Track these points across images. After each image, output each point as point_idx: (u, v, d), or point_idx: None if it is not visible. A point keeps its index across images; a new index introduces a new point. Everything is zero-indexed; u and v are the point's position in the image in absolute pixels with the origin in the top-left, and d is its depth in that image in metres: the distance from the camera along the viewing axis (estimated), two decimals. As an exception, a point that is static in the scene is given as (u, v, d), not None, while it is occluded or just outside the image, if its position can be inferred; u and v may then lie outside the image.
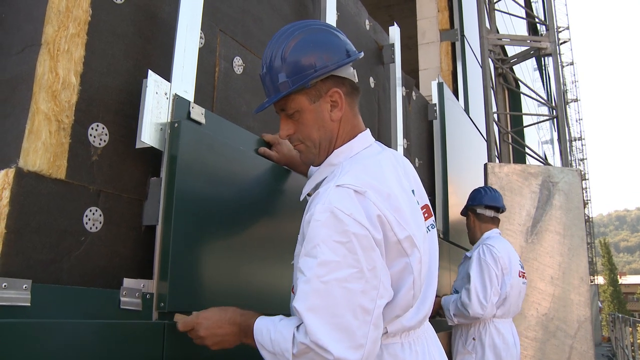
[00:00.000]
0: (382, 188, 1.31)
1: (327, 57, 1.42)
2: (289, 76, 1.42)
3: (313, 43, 1.43)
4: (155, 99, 1.68)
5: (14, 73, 1.45)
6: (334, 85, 1.45)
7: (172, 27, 1.83)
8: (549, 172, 4.97)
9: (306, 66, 1.41)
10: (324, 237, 1.23)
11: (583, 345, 4.54)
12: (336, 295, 1.20)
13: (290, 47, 1.43)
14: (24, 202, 1.35)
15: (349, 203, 1.26)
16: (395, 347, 1.36)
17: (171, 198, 1.64)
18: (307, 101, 1.45)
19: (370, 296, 1.21)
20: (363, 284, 1.21)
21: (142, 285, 1.60)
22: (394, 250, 1.29)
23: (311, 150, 1.50)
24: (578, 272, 4.71)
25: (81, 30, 1.54)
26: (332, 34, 1.47)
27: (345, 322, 1.20)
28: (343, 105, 1.46)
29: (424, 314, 1.42)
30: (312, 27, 1.47)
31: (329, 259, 1.22)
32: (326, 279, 1.21)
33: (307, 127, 1.47)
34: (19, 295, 1.27)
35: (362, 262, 1.21)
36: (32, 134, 1.37)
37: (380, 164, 1.42)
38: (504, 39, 8.19)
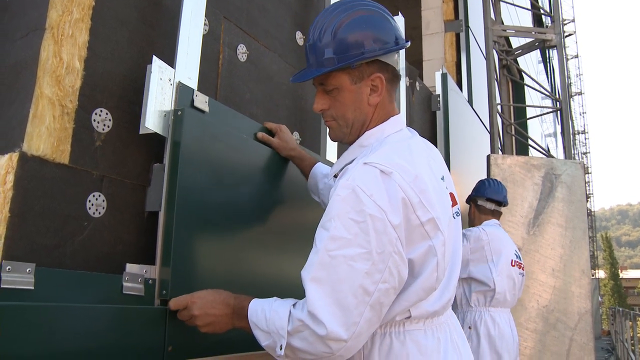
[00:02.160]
0: (409, 169, 1.30)
1: (377, 41, 1.40)
2: (336, 53, 1.40)
3: (366, 24, 1.41)
4: (159, 85, 1.68)
5: (18, 58, 1.45)
6: (377, 70, 1.43)
7: (176, 14, 1.82)
8: (552, 165, 4.96)
9: (355, 46, 1.39)
10: (341, 212, 1.25)
11: (583, 338, 4.55)
12: (340, 271, 1.22)
13: (344, 23, 1.40)
14: (28, 187, 1.36)
15: (372, 183, 1.26)
16: (418, 334, 1.35)
17: (174, 185, 1.65)
18: (349, 81, 1.43)
19: (373, 278, 1.22)
20: (369, 265, 1.21)
21: (144, 271, 1.61)
22: (417, 233, 1.28)
23: (342, 129, 1.49)
24: (579, 264, 4.71)
25: (85, 15, 1.53)
26: (385, 19, 1.45)
27: (344, 299, 1.22)
28: (383, 91, 1.45)
29: (447, 299, 1.41)
30: (369, 8, 1.44)
31: (341, 235, 1.23)
32: (334, 254, 1.23)
33: (344, 106, 1.46)
34: (22, 279, 1.28)
35: (372, 244, 1.22)
36: (36, 119, 1.38)
37: (410, 146, 1.41)
38: (509, 30, 8.15)
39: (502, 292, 3.33)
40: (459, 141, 5.05)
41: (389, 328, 1.35)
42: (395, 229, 1.24)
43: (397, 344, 1.33)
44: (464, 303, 3.42)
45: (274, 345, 1.31)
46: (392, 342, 1.34)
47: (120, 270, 1.56)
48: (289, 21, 2.64)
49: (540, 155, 8.75)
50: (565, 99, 7.58)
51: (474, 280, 3.37)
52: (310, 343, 1.25)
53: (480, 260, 3.36)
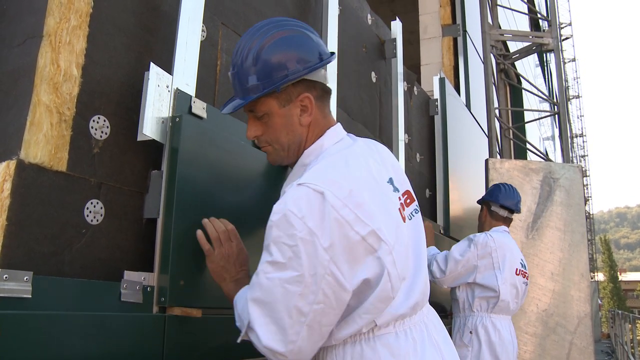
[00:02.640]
0: (344, 184, 1.29)
1: (299, 61, 1.39)
2: (260, 79, 1.39)
3: (287, 45, 1.39)
4: (157, 92, 1.68)
5: (15, 65, 1.45)
6: (305, 90, 1.42)
7: (174, 20, 1.82)
8: (550, 168, 4.96)
9: (278, 70, 1.37)
10: (275, 237, 1.28)
11: (583, 341, 4.55)
12: (276, 293, 1.26)
13: (264, 47, 1.38)
14: (25, 194, 1.35)
15: (304, 204, 1.26)
16: (389, 337, 1.35)
17: (172, 191, 1.64)
18: (277, 105, 1.42)
19: (307, 300, 1.24)
20: (302, 287, 1.24)
21: (142, 278, 1.60)
22: (361, 248, 1.28)
23: (279, 152, 1.49)
24: (578, 268, 4.70)
25: (83, 22, 1.53)
26: (306, 36, 1.43)
27: (280, 319, 1.26)
28: (313, 109, 1.44)
29: (414, 300, 1.39)
30: (287, 28, 1.42)
31: (277, 259, 1.26)
32: (271, 277, 1.27)
33: (276, 131, 1.45)
34: (20, 287, 1.27)
35: (304, 267, 1.24)
36: (34, 126, 1.37)
37: (347, 158, 1.39)
38: (506, 34, 8.16)
39: (505, 299, 3.33)
40: (457, 145, 5.05)
41: (358, 336, 1.35)
42: (327, 251, 1.24)
43: (368, 351, 1.33)
44: (467, 308, 3.42)
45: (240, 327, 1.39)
46: (362, 350, 1.34)
47: (119, 277, 1.55)
48: (286, 27, 2.64)
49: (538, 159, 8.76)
50: (563, 102, 7.59)
51: (478, 286, 3.36)
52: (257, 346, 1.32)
53: (487, 267, 3.35)
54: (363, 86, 3.48)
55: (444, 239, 4.30)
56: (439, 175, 4.70)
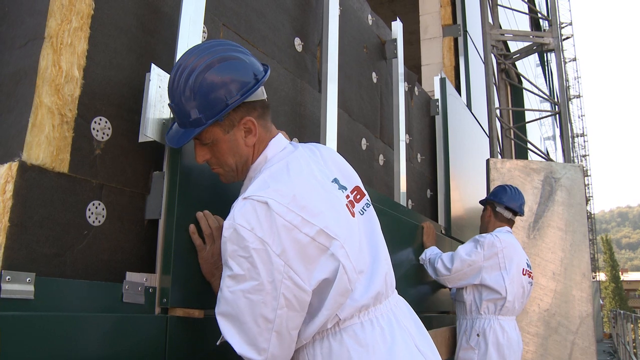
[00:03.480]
0: (286, 191, 1.35)
1: (236, 87, 1.41)
2: (201, 112, 1.41)
3: (222, 73, 1.40)
4: (158, 93, 1.68)
5: (17, 67, 1.45)
6: (246, 114, 1.46)
7: (175, 21, 1.83)
8: (551, 168, 4.96)
9: (218, 101, 1.40)
10: (230, 252, 1.33)
11: (585, 341, 4.54)
12: (240, 304, 1.31)
13: (199, 80, 1.39)
14: (28, 196, 1.35)
15: (250, 216, 1.32)
16: (354, 328, 1.39)
17: (174, 192, 1.64)
18: (221, 132, 1.47)
19: (271, 306, 1.30)
20: (263, 295, 1.30)
21: (144, 279, 1.60)
22: (312, 248, 1.33)
23: (229, 173, 1.55)
24: (580, 268, 4.70)
25: (84, 24, 1.53)
26: (238, 59, 1.45)
27: (248, 328, 1.32)
28: (256, 130, 1.49)
29: (375, 290, 1.43)
30: (218, 54, 1.42)
31: (236, 272, 1.32)
32: (233, 289, 1.32)
33: (223, 155, 1.50)
34: (22, 288, 1.27)
35: (262, 275, 1.29)
36: (35, 128, 1.37)
37: (288, 165, 1.46)
38: (507, 34, 8.15)
39: (512, 300, 3.32)
40: (458, 146, 5.05)
41: (325, 332, 1.40)
42: (280, 256, 1.30)
43: (336, 344, 1.38)
44: (474, 310, 3.42)
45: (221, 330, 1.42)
46: (330, 344, 1.39)
47: (121, 278, 1.55)
48: (287, 27, 2.65)
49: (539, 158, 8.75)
50: (564, 102, 7.59)
51: (485, 288, 3.36)
52: None
53: (494, 267, 3.34)
54: (364, 86, 3.49)
55: (445, 239, 4.30)
56: (440, 175, 4.70)
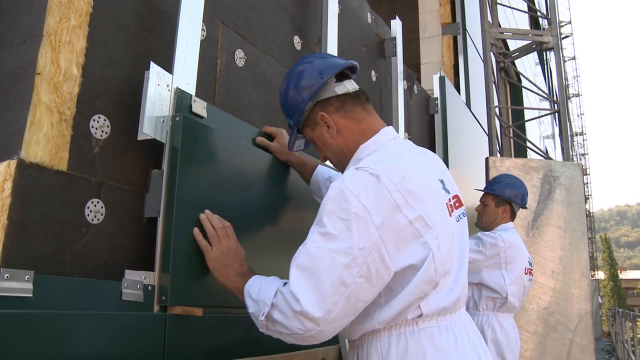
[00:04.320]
0: (397, 171, 1.39)
1: (303, 92, 1.62)
2: (289, 118, 1.69)
3: (291, 86, 1.65)
4: (157, 91, 1.68)
5: (15, 64, 1.45)
6: (319, 110, 1.62)
7: (174, 19, 1.82)
8: (551, 166, 4.96)
9: (293, 106, 1.65)
10: (329, 210, 1.36)
11: (583, 339, 4.55)
12: (323, 261, 1.32)
13: (281, 95, 1.70)
14: (26, 194, 1.35)
15: (360, 184, 1.36)
16: (432, 331, 1.42)
17: (172, 190, 1.64)
18: (310, 131, 1.67)
19: (352, 272, 1.31)
20: (349, 259, 1.31)
21: (143, 277, 1.60)
22: (408, 232, 1.36)
23: (337, 165, 1.69)
24: (579, 266, 4.71)
25: (83, 22, 1.53)
26: (303, 68, 1.66)
27: (322, 287, 1.32)
28: (334, 121, 1.60)
29: (456, 295, 1.46)
30: (290, 72, 1.70)
31: (328, 231, 1.34)
32: (319, 246, 1.34)
33: (322, 150, 1.68)
34: (21, 286, 1.27)
35: (354, 240, 1.31)
36: (34, 126, 1.37)
37: (402, 150, 1.53)
38: (506, 32, 8.16)
39: (513, 300, 3.31)
40: (457, 144, 5.05)
41: (403, 328, 1.42)
42: (378, 228, 1.32)
43: (413, 343, 1.40)
44: (472, 307, 3.40)
45: (257, 313, 1.42)
46: (407, 341, 1.40)
47: (119, 276, 1.55)
48: (286, 25, 2.64)
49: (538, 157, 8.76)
50: (563, 100, 7.59)
51: (485, 287, 3.33)
52: (287, 317, 1.35)
53: (494, 267, 3.31)
54: (363, 85, 3.48)
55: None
56: (439, 173, 4.69)
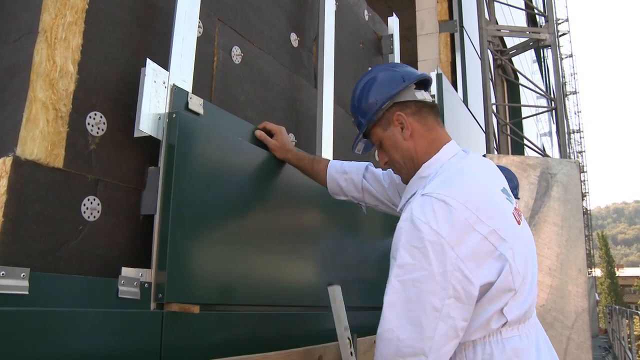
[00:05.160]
0: (463, 191, 1.44)
1: (384, 91, 1.66)
2: (362, 117, 1.71)
3: (371, 84, 1.70)
4: (153, 88, 1.67)
5: (11, 61, 1.44)
6: (397, 110, 1.65)
7: (171, 16, 1.82)
8: (548, 164, 4.96)
9: (370, 104, 1.68)
10: (404, 242, 1.40)
11: (580, 337, 4.56)
12: (410, 293, 1.37)
13: (357, 94, 1.73)
14: (22, 191, 1.35)
15: (428, 211, 1.40)
16: (514, 340, 1.46)
17: (169, 187, 1.64)
18: (381, 130, 1.68)
19: (439, 296, 1.35)
20: (433, 285, 1.35)
21: (140, 274, 1.60)
22: (484, 247, 1.40)
23: (401, 170, 1.70)
24: (576, 263, 4.71)
25: (79, 18, 1.53)
26: (387, 71, 1.72)
27: (416, 317, 1.36)
28: (409, 123, 1.64)
29: (532, 299, 1.52)
30: (370, 71, 1.76)
31: (406, 262, 1.39)
32: (402, 279, 1.39)
33: (390, 152, 1.69)
34: (17, 284, 1.27)
35: (433, 265, 1.35)
36: (30, 123, 1.37)
37: (464, 170, 1.55)
38: (503, 30, 8.16)
39: None
40: (455, 141, 5.04)
41: (488, 337, 1.45)
42: (454, 249, 1.36)
43: (497, 352, 1.44)
44: None
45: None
46: (492, 351, 1.44)
47: (116, 274, 1.55)
48: (283, 22, 2.64)
49: (535, 154, 8.77)
50: (560, 98, 7.60)
51: None
52: None
53: None
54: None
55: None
56: (436, 171, 4.69)
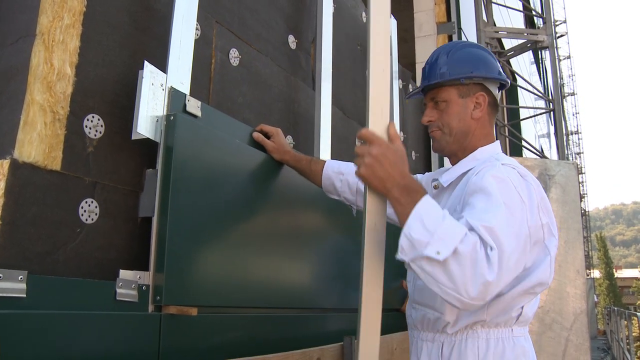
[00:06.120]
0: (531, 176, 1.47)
1: (483, 68, 1.63)
2: (448, 69, 1.62)
3: (475, 54, 1.66)
4: (151, 90, 1.67)
5: (8, 64, 1.45)
6: (481, 91, 1.63)
7: (168, 18, 1.82)
8: (546, 165, 4.97)
9: (465, 66, 1.62)
10: (495, 187, 1.35)
11: (579, 338, 4.56)
12: (508, 220, 1.30)
13: (458, 50, 1.66)
14: (20, 194, 1.35)
15: (516, 179, 1.41)
16: (521, 340, 1.51)
17: (167, 190, 1.64)
18: (457, 95, 1.62)
19: (522, 229, 1.33)
20: (518, 221, 1.33)
21: (138, 277, 1.60)
22: (540, 232, 1.41)
23: (446, 137, 1.64)
24: (574, 265, 4.71)
25: (76, 21, 1.53)
26: (491, 55, 1.70)
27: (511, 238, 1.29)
28: (484, 108, 1.63)
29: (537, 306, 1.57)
30: (478, 46, 1.74)
31: (497, 197, 1.33)
32: (489, 205, 1.33)
33: (450, 117, 1.62)
34: (14, 287, 1.26)
35: (519, 215, 1.34)
36: (27, 125, 1.37)
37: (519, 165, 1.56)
38: (501, 31, 8.17)
39: None
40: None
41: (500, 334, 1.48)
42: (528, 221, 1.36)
43: (509, 349, 1.47)
44: None
45: (422, 245, 1.22)
46: (504, 347, 1.47)
47: (114, 276, 1.54)
48: (281, 24, 2.64)
49: (533, 156, 8.78)
50: (558, 99, 7.61)
51: None
52: (473, 261, 1.21)
53: None
54: (358, 84, 3.48)
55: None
56: (434, 173, 4.70)
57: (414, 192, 1.30)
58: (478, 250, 1.22)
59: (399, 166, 1.32)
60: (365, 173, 1.33)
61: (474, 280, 1.20)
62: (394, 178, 1.31)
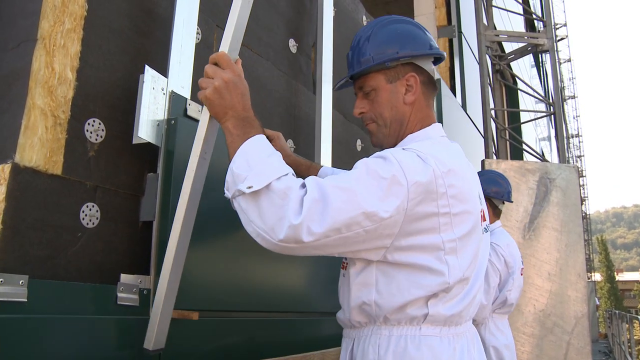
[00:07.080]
0: (445, 162, 1.33)
1: (409, 46, 1.50)
2: (372, 54, 1.49)
3: (399, 31, 1.52)
4: (152, 95, 1.68)
5: (9, 68, 1.45)
6: (412, 71, 1.51)
7: (169, 23, 1.82)
8: (546, 169, 4.97)
9: (389, 48, 1.49)
10: (369, 164, 1.27)
11: (580, 342, 4.55)
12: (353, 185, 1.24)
13: (378, 31, 1.52)
14: (21, 198, 1.35)
15: (408, 159, 1.28)
16: (433, 340, 1.35)
17: (168, 194, 1.64)
18: (385, 80, 1.51)
19: (365, 221, 1.22)
20: (371, 208, 1.22)
21: (139, 281, 1.60)
22: (428, 222, 1.30)
23: (381, 129, 1.54)
24: (575, 268, 4.71)
25: (77, 25, 1.53)
26: (419, 29, 1.56)
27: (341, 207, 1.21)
28: (417, 90, 1.51)
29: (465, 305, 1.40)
30: (402, 20, 1.56)
31: (362, 173, 1.25)
32: (348, 177, 1.26)
33: (381, 106, 1.52)
34: (15, 291, 1.27)
35: (385, 202, 1.23)
36: (29, 130, 1.37)
37: (449, 147, 1.47)
38: (502, 35, 8.17)
39: (513, 301, 3.31)
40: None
41: (404, 331, 1.35)
42: (408, 202, 1.25)
43: (412, 348, 1.33)
44: None
45: (241, 179, 1.25)
46: (407, 345, 1.34)
47: (115, 280, 1.55)
48: (281, 28, 2.64)
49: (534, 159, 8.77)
50: (559, 102, 7.61)
51: None
52: (285, 199, 1.19)
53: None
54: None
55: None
56: (435, 176, 4.69)
57: (250, 127, 1.31)
58: (293, 190, 1.19)
59: (245, 99, 1.34)
60: (212, 96, 1.33)
61: (280, 220, 1.17)
62: (236, 109, 1.32)
